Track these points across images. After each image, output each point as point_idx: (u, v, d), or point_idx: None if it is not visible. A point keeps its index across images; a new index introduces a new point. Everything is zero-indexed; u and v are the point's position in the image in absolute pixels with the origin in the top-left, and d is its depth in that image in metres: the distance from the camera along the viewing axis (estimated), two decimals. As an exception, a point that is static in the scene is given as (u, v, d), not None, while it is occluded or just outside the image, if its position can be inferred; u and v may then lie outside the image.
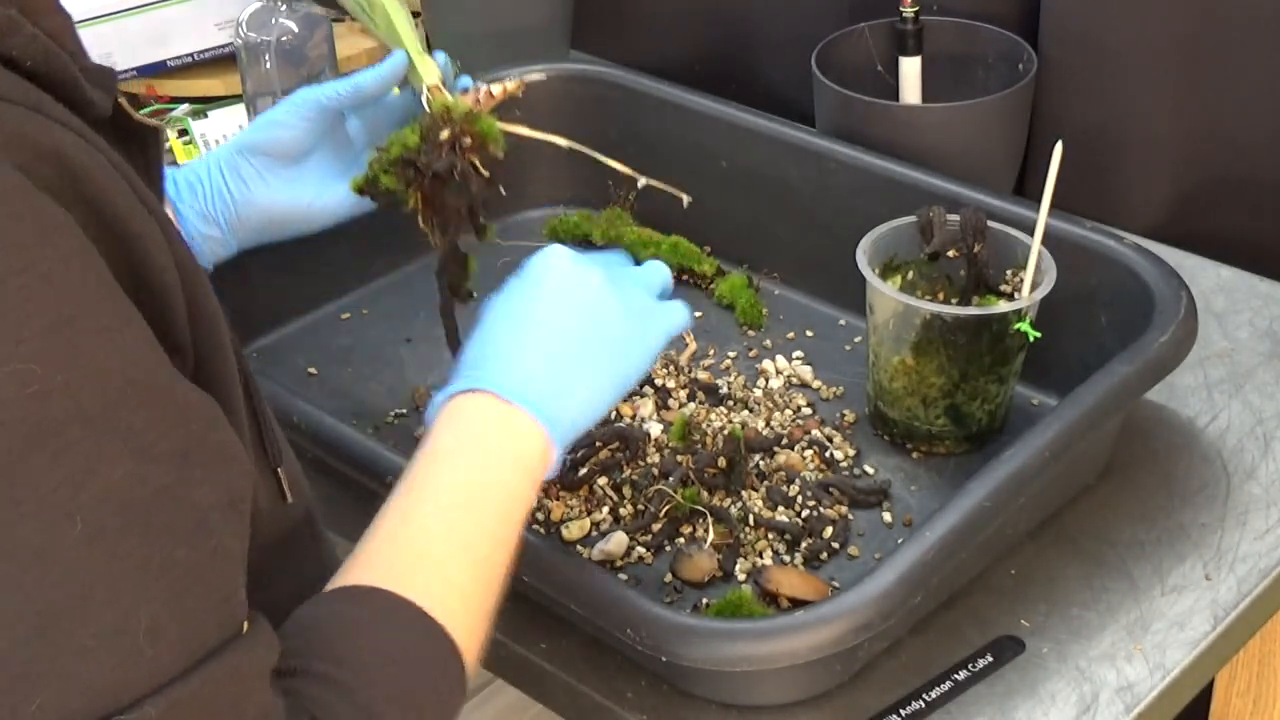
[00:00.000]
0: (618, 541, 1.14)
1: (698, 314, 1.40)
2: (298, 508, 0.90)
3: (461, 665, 0.82)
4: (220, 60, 1.78)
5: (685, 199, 1.18)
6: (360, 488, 1.14)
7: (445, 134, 1.11)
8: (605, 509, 1.18)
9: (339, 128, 1.22)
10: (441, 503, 0.87)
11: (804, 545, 1.14)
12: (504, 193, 1.14)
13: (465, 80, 1.19)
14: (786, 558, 1.14)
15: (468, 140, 1.12)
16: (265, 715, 0.71)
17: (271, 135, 1.19)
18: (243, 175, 1.19)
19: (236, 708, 0.70)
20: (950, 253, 1.24)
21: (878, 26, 1.51)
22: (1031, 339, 1.16)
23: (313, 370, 1.36)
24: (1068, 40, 1.45)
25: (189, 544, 0.69)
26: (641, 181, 1.16)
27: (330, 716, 0.74)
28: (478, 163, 1.12)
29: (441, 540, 0.85)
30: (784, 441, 1.23)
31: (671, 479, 1.17)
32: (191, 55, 1.78)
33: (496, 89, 1.15)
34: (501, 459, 0.90)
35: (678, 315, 1.01)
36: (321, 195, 1.21)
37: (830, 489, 1.18)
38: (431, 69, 1.17)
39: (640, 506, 1.18)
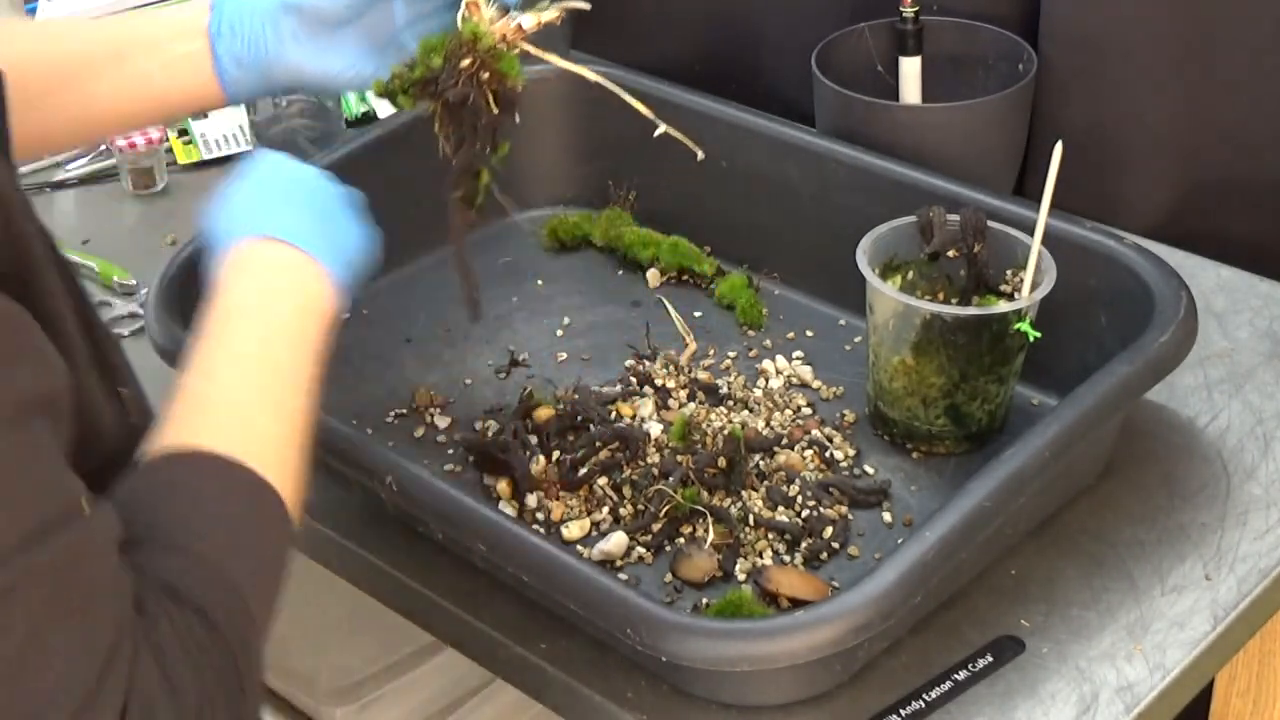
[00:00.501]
0: (618, 541, 1.14)
1: (698, 314, 1.40)
2: (142, 427, 0.93)
3: (288, 514, 0.88)
4: (220, 60, 1.77)
5: (699, 154, 1.19)
6: (360, 488, 1.14)
7: (466, 62, 1.12)
8: (605, 509, 1.18)
9: (382, 4, 1.21)
10: (242, 358, 0.93)
11: (804, 545, 1.14)
12: (518, 120, 1.15)
13: None
14: (786, 558, 1.14)
15: (486, 74, 1.12)
16: (116, 584, 0.76)
17: (315, 0, 1.20)
18: (280, 31, 1.19)
19: (87, 578, 0.74)
20: (950, 253, 1.23)
21: (878, 26, 1.51)
22: (1031, 339, 1.16)
23: (313, 370, 1.36)
24: (1068, 40, 1.45)
25: (3, 434, 0.73)
26: (660, 129, 1.16)
27: (182, 580, 0.79)
28: (492, 97, 1.13)
29: (247, 394, 0.91)
30: (784, 441, 1.23)
31: (671, 479, 1.17)
32: (191, 55, 1.77)
33: (530, 22, 1.14)
34: (292, 306, 0.97)
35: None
36: (351, 68, 1.21)
37: (830, 489, 1.18)
38: None
39: (640, 506, 1.18)
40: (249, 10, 1.20)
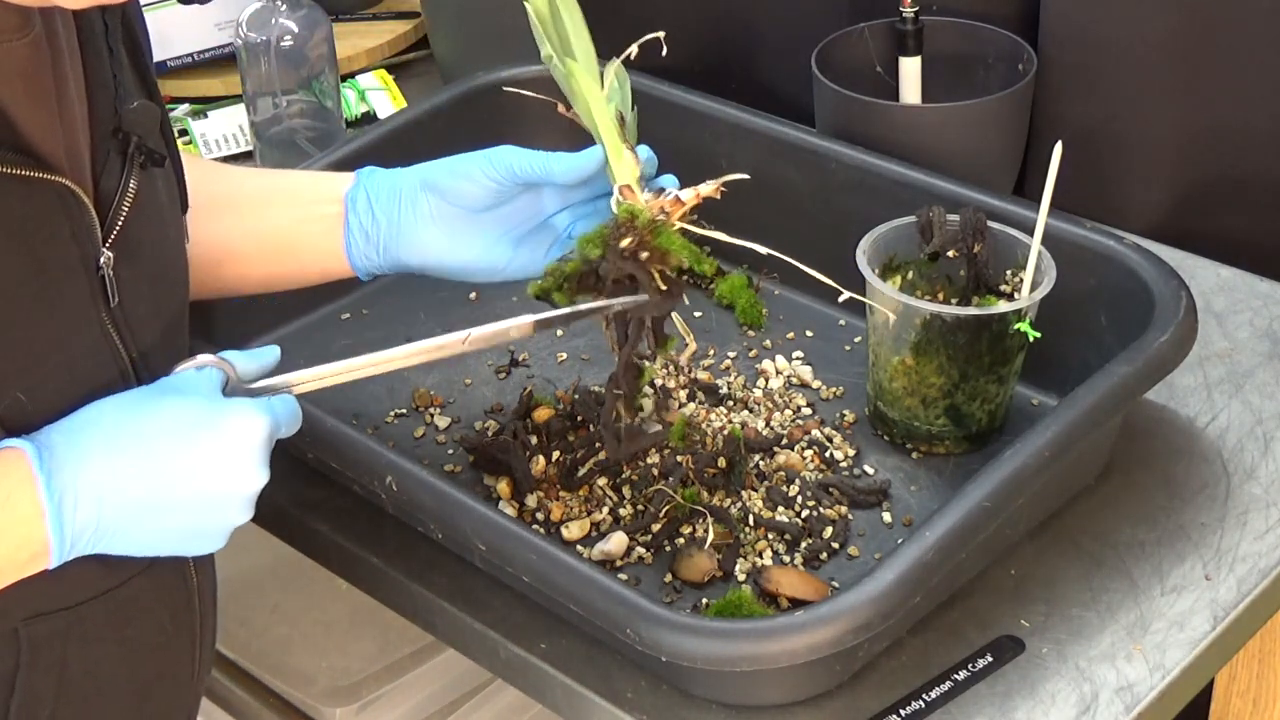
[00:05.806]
0: (618, 541, 1.14)
1: (698, 314, 1.40)
2: None
3: None
4: (220, 60, 1.78)
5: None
6: (361, 488, 1.14)
7: (626, 242, 1.06)
8: (605, 509, 1.18)
9: (528, 194, 1.17)
10: None
11: (804, 545, 1.14)
12: (687, 301, 1.07)
13: (666, 179, 1.13)
14: (786, 558, 1.14)
15: (645, 253, 1.06)
16: None
17: (457, 186, 1.15)
18: (418, 210, 1.16)
19: None
20: (950, 253, 1.24)
21: (878, 26, 1.51)
22: (1031, 339, 1.16)
23: (313, 370, 1.36)
24: (1068, 40, 1.45)
25: None
26: None
27: None
28: (657, 275, 1.07)
29: None
30: (784, 441, 1.23)
31: (671, 479, 1.17)
32: (191, 55, 1.78)
33: (688, 195, 1.09)
34: None
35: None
36: (484, 255, 1.17)
37: (830, 489, 1.18)
38: (629, 167, 1.10)
39: (640, 506, 1.18)
40: (389, 187, 1.16)
